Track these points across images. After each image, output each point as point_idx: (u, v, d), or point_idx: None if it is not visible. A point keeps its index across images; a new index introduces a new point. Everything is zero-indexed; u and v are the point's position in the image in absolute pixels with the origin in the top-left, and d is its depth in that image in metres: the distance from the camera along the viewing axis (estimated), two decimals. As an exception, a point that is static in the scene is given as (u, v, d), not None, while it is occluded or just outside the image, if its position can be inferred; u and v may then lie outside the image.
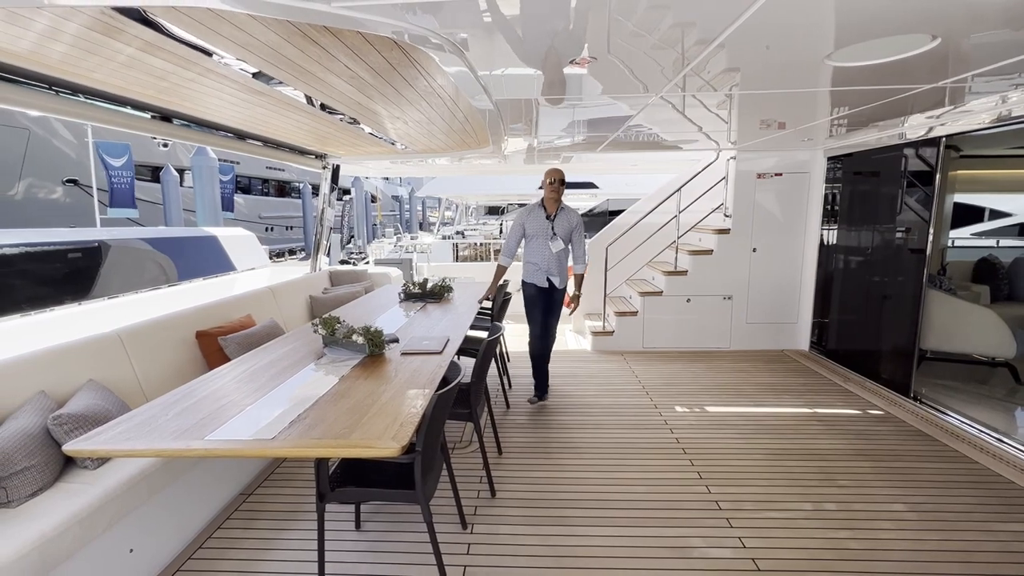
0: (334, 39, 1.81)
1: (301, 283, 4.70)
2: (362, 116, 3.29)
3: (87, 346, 2.45)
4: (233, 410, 1.86)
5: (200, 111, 3.06)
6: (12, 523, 1.68)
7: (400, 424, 1.70)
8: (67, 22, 1.55)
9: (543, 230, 3.72)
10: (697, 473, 2.85)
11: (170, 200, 14.47)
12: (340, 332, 2.62)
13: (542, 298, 3.82)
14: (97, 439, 1.62)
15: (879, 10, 1.56)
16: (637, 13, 1.59)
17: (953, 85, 2.52)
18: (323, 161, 5.01)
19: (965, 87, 2.57)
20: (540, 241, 3.73)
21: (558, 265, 3.78)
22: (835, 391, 4.16)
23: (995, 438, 3.15)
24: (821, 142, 4.67)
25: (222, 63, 2.05)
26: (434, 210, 26.79)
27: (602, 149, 5.10)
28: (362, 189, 20.88)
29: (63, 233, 5.30)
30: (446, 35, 1.76)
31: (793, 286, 5.34)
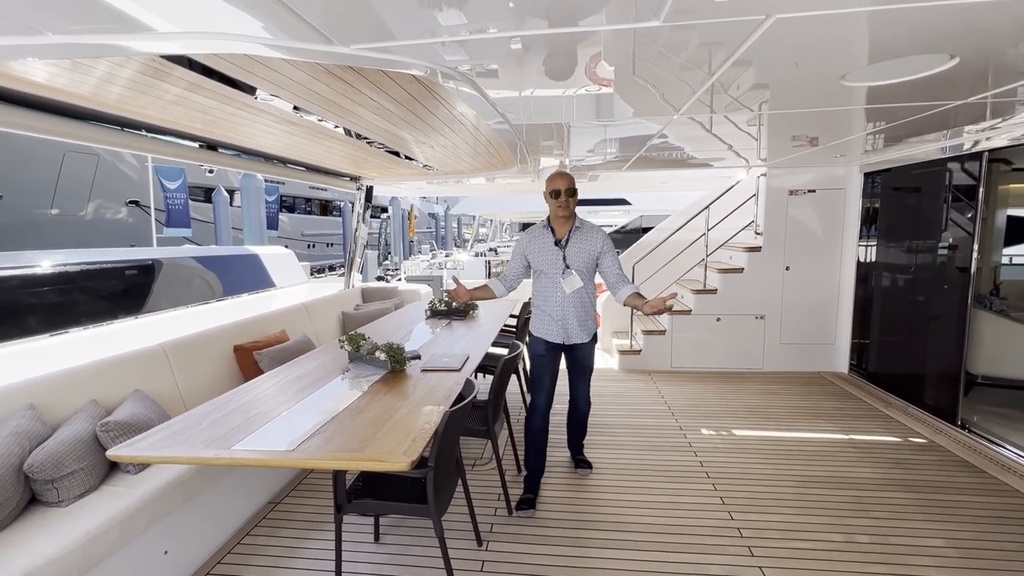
0: (357, 76, 1.94)
1: (334, 300, 4.90)
2: (391, 142, 3.45)
3: (134, 358, 2.65)
4: (260, 421, 1.97)
5: (242, 140, 3.29)
6: (61, 521, 1.83)
7: (412, 439, 1.76)
8: (122, 68, 1.74)
9: (552, 261, 2.70)
10: (720, 498, 2.78)
11: (220, 219, 15.33)
12: (364, 348, 2.73)
13: (557, 359, 2.81)
14: (137, 446, 1.75)
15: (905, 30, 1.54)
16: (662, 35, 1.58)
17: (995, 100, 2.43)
18: (357, 183, 5.24)
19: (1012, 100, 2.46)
20: (550, 278, 2.71)
21: (579, 311, 2.71)
22: (874, 416, 3.97)
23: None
24: (856, 158, 4.54)
25: (259, 99, 2.22)
26: (469, 227, 27.28)
27: (629, 167, 5.12)
28: (399, 208, 21.51)
29: (121, 252, 5.74)
30: (465, 71, 1.86)
31: (830, 305, 5.15)
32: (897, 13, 1.40)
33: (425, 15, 1.33)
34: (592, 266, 2.73)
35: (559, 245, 2.71)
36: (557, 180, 2.66)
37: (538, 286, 2.81)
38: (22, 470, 1.87)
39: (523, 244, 2.82)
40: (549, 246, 2.72)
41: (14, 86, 1.93)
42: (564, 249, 2.69)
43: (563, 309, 2.71)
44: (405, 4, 1.25)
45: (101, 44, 1.29)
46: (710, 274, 5.40)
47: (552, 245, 2.72)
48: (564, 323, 2.72)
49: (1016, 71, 2.00)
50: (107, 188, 13.73)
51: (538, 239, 2.77)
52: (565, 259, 2.69)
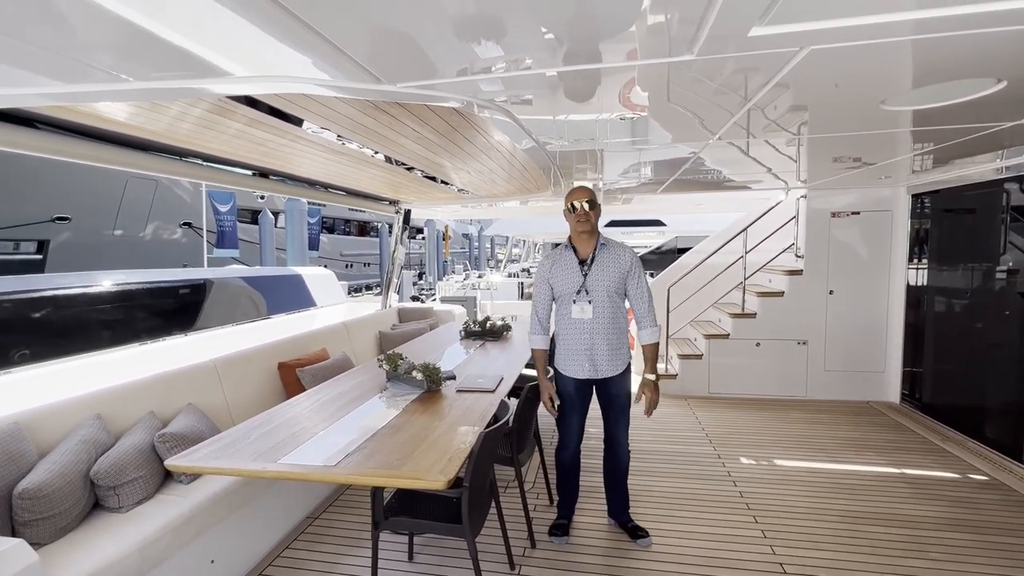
0: (402, 109, 2.06)
1: (371, 319, 5.04)
2: (429, 168, 3.59)
3: (188, 373, 2.81)
4: (303, 437, 2.05)
5: (291, 168, 3.49)
6: (121, 526, 1.95)
7: (448, 459, 1.80)
8: (194, 107, 1.91)
9: (573, 285, 2.45)
10: (761, 531, 2.68)
11: (265, 240, 16.07)
12: (402, 368, 2.80)
13: (587, 397, 2.56)
14: (192, 456, 1.86)
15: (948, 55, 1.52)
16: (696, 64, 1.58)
17: None
18: (396, 206, 5.43)
19: None
20: (569, 305, 2.47)
21: (611, 338, 2.44)
22: (930, 450, 3.74)
23: None
24: (903, 179, 4.40)
25: (309, 131, 2.38)
26: (502, 247, 27.61)
27: (663, 190, 5.11)
28: (434, 229, 21.99)
29: (176, 272, 6.12)
30: (502, 102, 1.95)
31: (878, 331, 4.93)
32: (938, 40, 1.40)
33: (466, 52, 1.41)
34: (621, 287, 2.45)
35: (584, 265, 2.46)
36: (574, 194, 2.44)
37: (561, 314, 2.51)
38: (89, 476, 2.01)
39: (545, 270, 2.54)
40: (572, 268, 2.47)
41: (98, 124, 2.14)
42: (588, 269, 2.45)
43: (591, 337, 2.43)
44: (447, 44, 1.34)
45: (179, 88, 1.43)
46: (748, 297, 5.28)
47: (575, 266, 2.46)
48: (592, 354, 2.45)
49: None
50: (164, 211, 14.64)
51: (560, 262, 2.51)
52: (585, 283, 2.43)
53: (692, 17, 1.21)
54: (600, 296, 2.43)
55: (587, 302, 2.42)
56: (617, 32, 1.31)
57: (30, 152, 2.06)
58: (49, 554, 1.75)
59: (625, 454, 2.62)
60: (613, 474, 2.68)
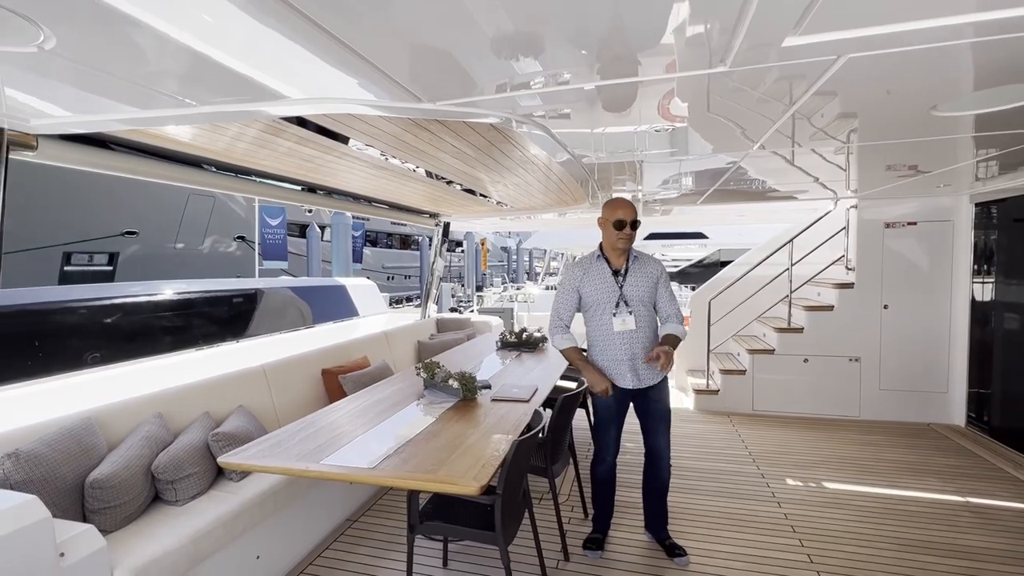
0: (441, 126, 2.15)
1: (411, 329, 5.17)
2: (468, 182, 3.68)
3: (239, 377, 2.97)
4: (345, 440, 2.13)
5: (336, 183, 3.66)
6: (178, 518, 2.08)
7: (482, 466, 1.83)
8: (249, 128, 2.06)
9: (610, 296, 2.46)
10: (807, 556, 2.56)
11: (312, 253, 16.76)
12: (439, 376, 2.87)
13: (625, 407, 2.54)
14: (242, 454, 1.97)
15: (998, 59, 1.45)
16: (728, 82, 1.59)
17: None
18: (436, 219, 5.57)
19: None
20: (608, 317, 2.46)
21: (647, 347, 2.45)
22: (999, 478, 3.47)
23: None
24: (965, 187, 4.15)
25: (354, 148, 2.50)
26: (540, 260, 27.67)
27: (704, 200, 5.01)
28: (473, 242, 22.30)
29: (230, 282, 6.48)
30: (538, 118, 2.00)
31: (940, 349, 4.63)
32: (981, 45, 1.34)
33: (502, 70, 1.47)
34: (653, 296, 2.51)
35: (619, 275, 2.47)
36: (622, 209, 2.42)
37: (596, 324, 2.50)
38: (150, 470, 2.16)
39: (575, 278, 2.52)
40: (606, 278, 2.47)
41: (165, 144, 2.33)
42: (624, 279, 2.47)
43: (631, 347, 2.43)
44: (484, 62, 1.40)
45: (238, 111, 1.56)
46: (795, 311, 5.08)
47: (609, 276, 2.46)
48: (634, 364, 2.44)
49: None
50: (221, 225, 15.52)
51: (592, 271, 2.49)
52: (623, 293, 2.45)
53: (725, 28, 1.22)
54: (637, 306, 2.47)
55: (628, 313, 2.44)
56: (651, 45, 1.33)
57: (106, 171, 2.27)
58: (115, 540, 1.89)
59: (667, 468, 2.58)
60: (654, 489, 2.64)
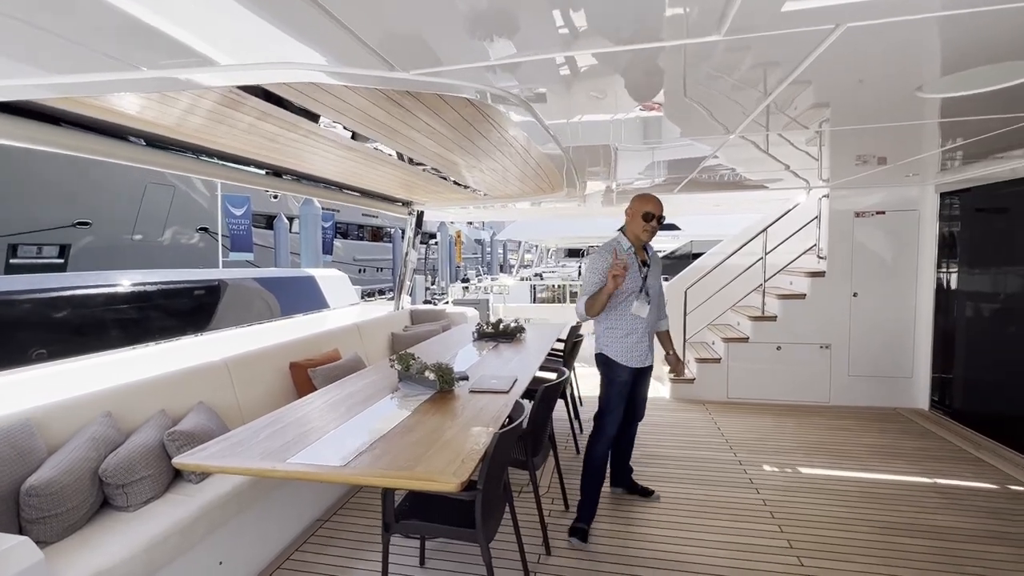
0: (415, 101, 2.01)
1: (384, 321, 5.01)
2: (442, 166, 3.54)
3: (199, 372, 2.79)
4: (313, 436, 2.00)
5: (304, 166, 3.47)
6: (129, 525, 1.91)
7: (461, 460, 1.73)
8: (202, 99, 1.88)
9: (636, 284, 2.63)
10: (787, 541, 2.56)
11: (280, 244, 16.23)
12: (414, 368, 2.75)
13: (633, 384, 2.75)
14: (199, 455, 1.82)
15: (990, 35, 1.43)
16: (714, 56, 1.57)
17: None
18: (409, 208, 5.40)
19: None
20: (631, 302, 2.64)
21: (652, 332, 2.78)
22: (963, 459, 3.58)
23: None
24: (931, 177, 4.25)
25: (321, 125, 2.34)
26: (515, 252, 27.64)
27: (680, 190, 5.01)
28: (447, 233, 22.03)
29: (190, 273, 6.16)
30: (519, 92, 1.89)
31: (906, 335, 4.76)
32: (980, 17, 1.31)
33: (481, 39, 1.36)
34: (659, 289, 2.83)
35: (644, 266, 2.69)
36: (653, 203, 2.64)
37: (622, 310, 2.64)
38: (97, 474, 1.98)
39: (607, 261, 2.54)
40: (635, 268, 2.64)
41: (110, 118, 2.13)
42: (648, 271, 2.69)
43: (647, 330, 2.71)
44: (464, 27, 1.29)
45: (174, 78, 1.40)
46: (769, 300, 5.14)
47: (637, 267, 2.66)
48: (649, 345, 2.74)
49: None
50: (182, 216, 14.87)
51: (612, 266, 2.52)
52: (646, 283, 2.67)
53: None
54: (653, 295, 2.73)
55: (646, 301, 2.66)
56: (641, 10, 1.24)
57: (47, 147, 2.05)
58: (55, 553, 1.72)
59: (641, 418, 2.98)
60: (628, 447, 3.04)
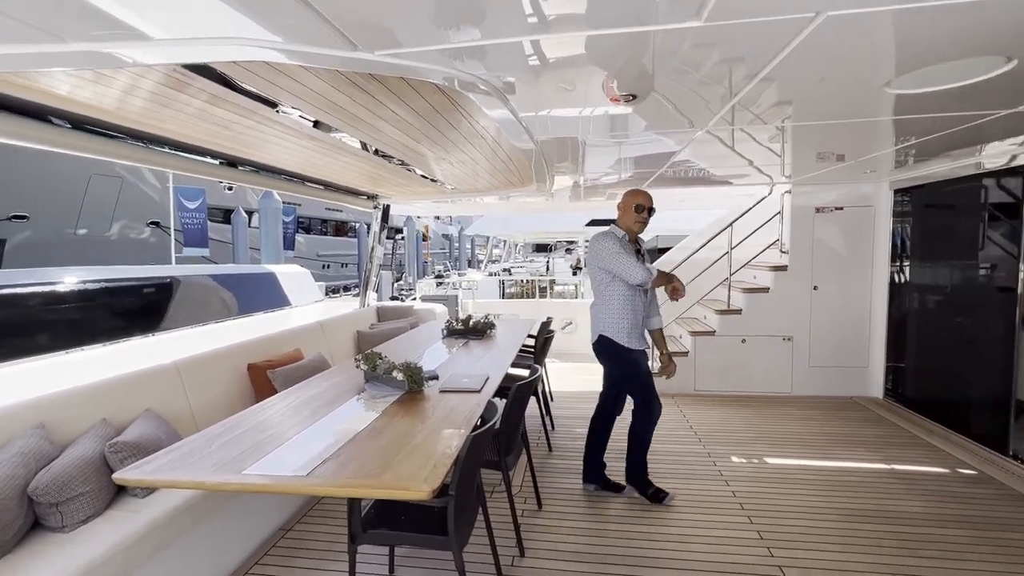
0: (380, 86, 1.90)
1: (349, 318, 4.84)
2: (410, 158, 3.42)
3: (147, 376, 2.59)
4: (273, 444, 1.87)
5: (262, 157, 3.28)
6: (63, 548, 1.74)
7: (433, 465, 1.65)
8: (143, 79, 1.71)
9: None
10: (757, 532, 2.59)
11: (239, 240, 15.58)
12: (382, 368, 2.63)
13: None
14: (143, 469, 1.66)
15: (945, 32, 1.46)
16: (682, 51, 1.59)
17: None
18: (374, 201, 5.23)
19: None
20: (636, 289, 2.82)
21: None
22: (916, 445, 3.74)
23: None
24: (886, 174, 4.40)
25: (280, 112, 2.19)
26: (483, 248, 27.51)
27: (648, 185, 5.03)
28: (414, 228, 21.69)
29: (139, 270, 5.79)
30: (489, 79, 1.81)
31: (862, 327, 4.94)
32: (950, 10, 1.31)
33: (449, 19, 1.27)
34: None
35: (639, 256, 2.84)
36: (644, 196, 2.84)
37: (627, 294, 2.81)
38: (26, 492, 1.79)
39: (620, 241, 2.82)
40: (634, 257, 2.78)
41: (39, 99, 1.92)
42: (642, 260, 2.84)
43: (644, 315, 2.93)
44: (432, 5, 1.20)
45: (109, 54, 1.25)
46: (734, 294, 5.24)
47: (637, 256, 2.82)
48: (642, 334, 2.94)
49: None
50: (130, 209, 14.07)
51: (627, 248, 2.79)
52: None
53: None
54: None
55: (643, 290, 2.84)
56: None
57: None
58: (-24, 583, 1.54)
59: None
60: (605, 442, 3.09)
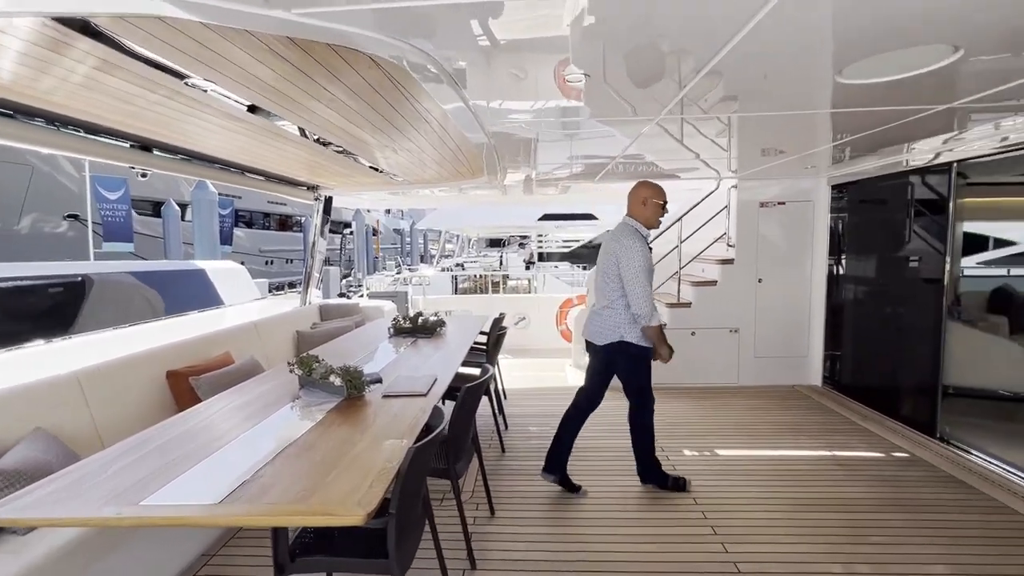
0: (304, 55, 1.68)
1: (288, 318, 4.51)
2: (351, 145, 3.17)
3: (37, 390, 2.24)
4: (184, 465, 1.63)
5: (185, 141, 2.95)
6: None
7: (370, 484, 1.47)
8: (6, 35, 1.42)
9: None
10: (711, 528, 2.57)
11: (171, 234, 14.48)
12: (318, 372, 2.41)
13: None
14: (15, 504, 1.39)
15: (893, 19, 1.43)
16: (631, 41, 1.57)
17: (960, 107, 2.39)
18: (315, 193, 4.90)
19: (968, 111, 2.45)
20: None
21: None
22: (854, 430, 3.89)
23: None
24: (824, 170, 4.56)
25: (188, 85, 1.92)
26: (435, 242, 27.05)
27: (600, 179, 4.99)
28: (363, 222, 20.96)
29: (45, 267, 5.16)
30: (437, 57, 1.63)
31: (802, 318, 5.13)
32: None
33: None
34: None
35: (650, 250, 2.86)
36: (663, 193, 2.86)
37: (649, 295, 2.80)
38: None
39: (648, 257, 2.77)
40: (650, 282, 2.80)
41: None
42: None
43: None
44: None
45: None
46: (684, 287, 5.30)
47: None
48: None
49: (978, 82, 1.98)
50: (44, 201, 12.80)
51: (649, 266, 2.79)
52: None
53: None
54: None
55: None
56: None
57: None
58: None
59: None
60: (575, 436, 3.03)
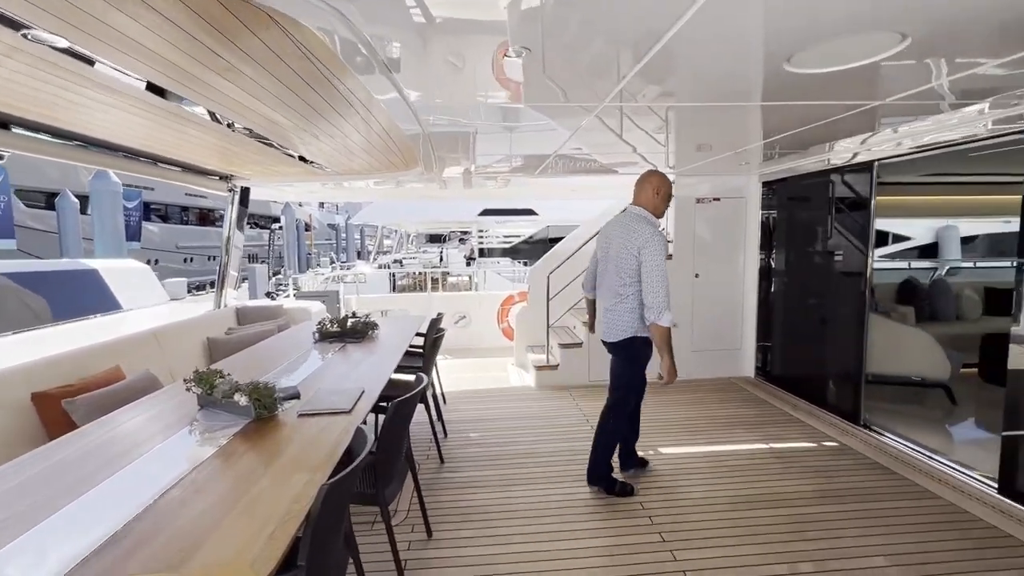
0: (201, 22, 1.36)
1: (198, 323, 4.02)
2: (263, 127, 2.81)
3: None
4: (26, 523, 1.28)
5: (66, 122, 2.48)
6: None
7: (271, 533, 1.21)
8: None
9: None
10: (659, 535, 2.49)
11: (67, 229, 12.92)
12: (220, 390, 2.08)
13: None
14: None
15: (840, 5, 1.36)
16: (570, 30, 1.52)
17: (888, 104, 2.44)
18: (228, 183, 4.41)
19: (891, 110, 2.53)
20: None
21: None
22: (786, 421, 4.00)
23: (958, 470, 3.03)
24: (756, 167, 4.68)
25: (50, 48, 1.54)
26: (373, 238, 26.12)
27: (539, 173, 4.86)
28: (292, 216, 19.76)
29: None
30: (337, 7, 1.38)
31: (735, 311, 5.28)
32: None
33: None
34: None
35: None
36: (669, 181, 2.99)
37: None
38: None
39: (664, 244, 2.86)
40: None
41: None
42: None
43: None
44: None
45: None
46: (625, 283, 5.29)
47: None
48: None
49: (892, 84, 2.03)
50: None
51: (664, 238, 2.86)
52: None
53: None
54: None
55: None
56: None
57: None
58: None
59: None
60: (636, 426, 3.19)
